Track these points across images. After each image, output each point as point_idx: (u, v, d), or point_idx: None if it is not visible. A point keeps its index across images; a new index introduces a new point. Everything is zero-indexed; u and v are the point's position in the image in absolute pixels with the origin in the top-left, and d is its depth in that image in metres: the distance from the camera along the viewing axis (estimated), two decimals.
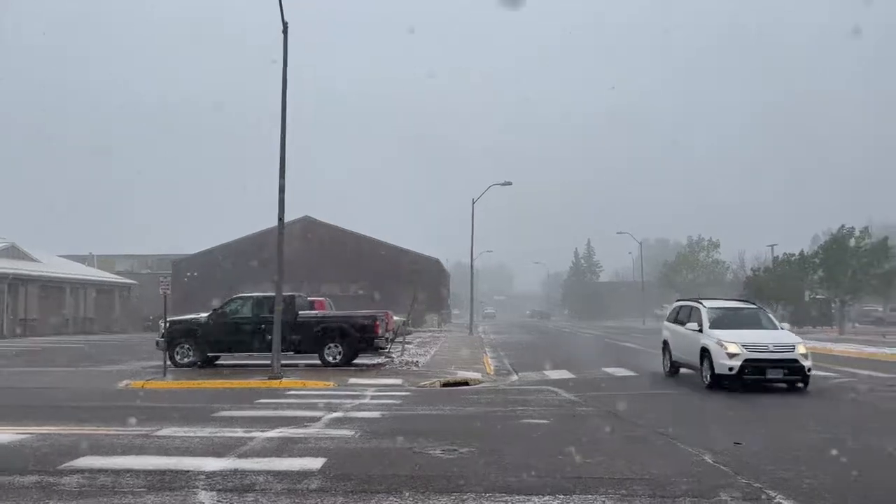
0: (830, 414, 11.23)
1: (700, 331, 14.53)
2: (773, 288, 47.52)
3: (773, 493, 5.99)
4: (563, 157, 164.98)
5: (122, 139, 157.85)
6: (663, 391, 14.44)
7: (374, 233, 56.42)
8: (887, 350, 24.00)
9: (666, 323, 17.38)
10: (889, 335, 35.52)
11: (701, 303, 15.65)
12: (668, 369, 16.56)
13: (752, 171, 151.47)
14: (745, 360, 13.19)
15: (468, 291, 49.78)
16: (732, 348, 13.41)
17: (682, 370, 16.10)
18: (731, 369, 13.26)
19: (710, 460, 7.32)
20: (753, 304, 17.00)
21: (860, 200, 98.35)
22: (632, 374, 17.39)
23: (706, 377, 13.92)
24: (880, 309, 52.75)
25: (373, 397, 12.62)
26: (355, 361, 18.60)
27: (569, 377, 16.59)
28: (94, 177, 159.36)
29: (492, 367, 19.12)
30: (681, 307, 16.90)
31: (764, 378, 13.35)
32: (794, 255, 46.79)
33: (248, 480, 6.47)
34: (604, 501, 5.76)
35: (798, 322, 49.81)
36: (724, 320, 14.70)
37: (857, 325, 50.06)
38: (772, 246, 58.78)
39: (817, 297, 47.73)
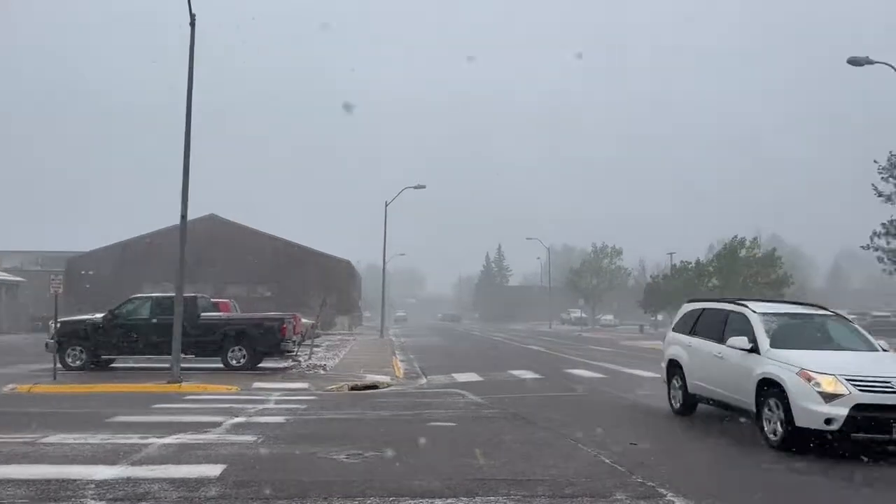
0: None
1: (754, 351, 9.15)
2: (672, 294, 49.82)
3: (664, 491, 6.27)
4: (478, 162, 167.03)
5: (18, 129, 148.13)
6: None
7: (288, 235, 55.33)
8: None
9: (675, 335, 11.71)
10: None
11: (746, 305, 10.17)
12: (679, 404, 11.07)
13: (655, 182, 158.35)
14: (856, 407, 7.82)
15: (381, 294, 49.59)
16: (829, 384, 8.01)
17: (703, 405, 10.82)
18: (829, 421, 7.85)
19: (607, 460, 7.58)
20: (822, 308, 10.90)
21: (751, 212, 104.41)
22: (538, 376, 17.78)
23: (773, 431, 8.44)
24: None
25: (277, 402, 12.37)
26: (261, 365, 18.16)
27: (476, 380, 16.80)
28: None
29: (401, 371, 19.12)
30: (704, 311, 11.19)
31: (891, 438, 7.89)
32: (690, 263, 49.24)
33: (141, 489, 6.20)
34: (505, 502, 5.87)
35: None
36: (790, 334, 9.38)
37: None
38: (671, 254, 61.59)
39: None
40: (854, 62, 20.52)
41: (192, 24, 15.51)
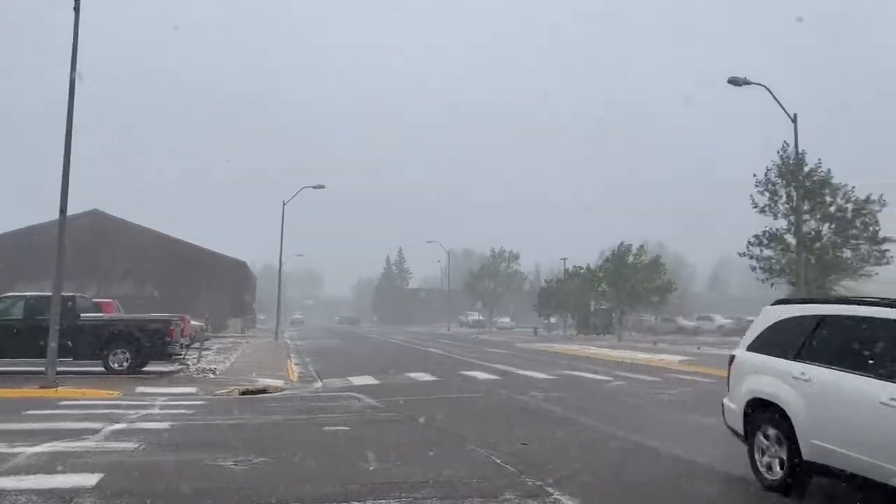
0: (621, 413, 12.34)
1: None
2: (564, 298, 51.46)
3: (551, 490, 6.46)
4: (379, 164, 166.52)
5: None
6: None
7: (184, 235, 53.04)
8: (659, 356, 26.93)
9: (758, 358, 7.02)
10: (659, 342, 39.87)
11: None
12: (779, 476, 6.35)
13: (554, 191, 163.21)
14: None
15: (277, 296, 48.43)
16: None
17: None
18: None
19: (499, 461, 7.73)
20: None
21: (640, 221, 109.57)
22: (434, 378, 17.89)
23: None
24: (652, 319, 58.95)
25: (162, 407, 11.83)
26: (146, 369, 17.33)
27: (373, 383, 16.72)
28: None
29: (295, 374, 18.76)
30: (832, 319, 6.35)
31: None
32: (582, 268, 51.08)
33: (7, 501, 5.78)
34: None
35: (584, 330, 54.43)
36: None
37: (633, 333, 55.52)
38: (564, 259, 63.66)
39: (601, 307, 52.43)
40: (734, 82, 21.92)
41: (76, 9, 14.63)
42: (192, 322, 20.75)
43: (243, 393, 14.30)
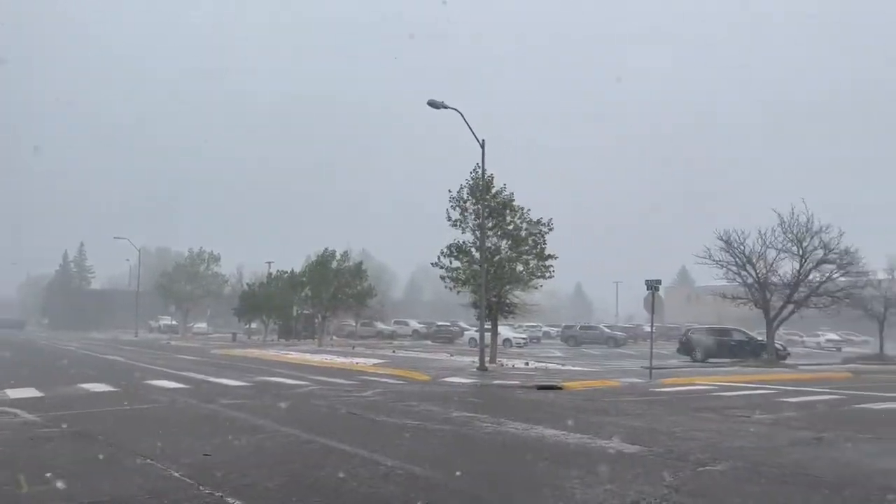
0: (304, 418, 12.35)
1: None
2: (267, 302, 50.53)
3: (231, 500, 6.25)
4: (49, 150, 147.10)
5: None
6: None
7: None
8: (356, 360, 27.73)
9: None
10: (357, 346, 41.16)
11: None
12: None
13: (259, 192, 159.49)
14: None
15: None
16: None
17: None
18: None
19: (177, 474, 7.27)
20: None
21: (347, 229, 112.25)
22: (112, 389, 16.25)
23: None
24: (353, 324, 60.63)
25: None
26: None
27: (36, 396, 14.66)
28: None
29: None
30: None
31: None
32: (286, 272, 50.68)
33: None
34: None
35: (286, 336, 54.05)
36: None
37: (334, 337, 56.53)
38: (269, 262, 62.59)
39: (304, 312, 52.50)
40: (432, 105, 23.58)
41: None
42: None
43: None
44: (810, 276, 33.41)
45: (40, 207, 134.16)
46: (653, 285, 23.10)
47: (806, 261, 33.04)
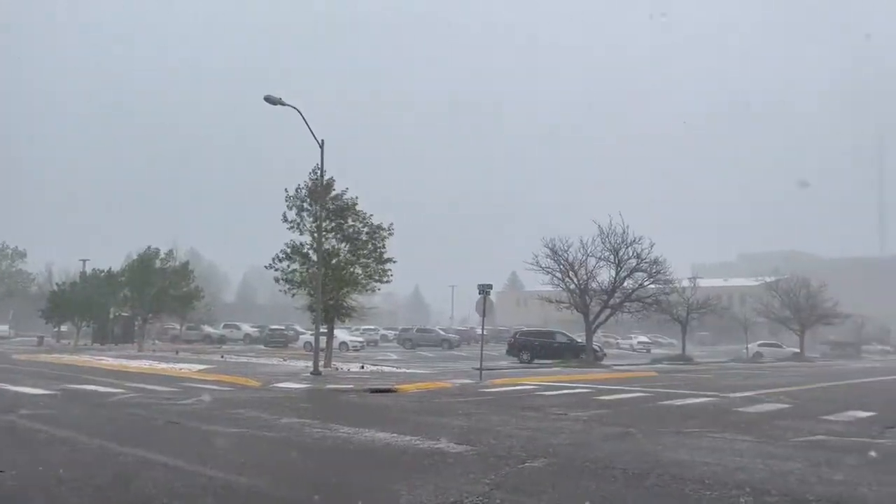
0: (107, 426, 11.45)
1: None
2: (79, 303, 46.48)
3: None
4: None
5: None
6: None
7: None
8: (179, 366, 26.22)
9: None
10: (182, 351, 38.92)
11: None
12: None
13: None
14: None
15: None
16: None
17: None
18: None
19: None
20: None
21: (174, 226, 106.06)
22: None
23: None
24: (178, 327, 57.31)
25: None
26: None
27: None
28: None
29: None
30: None
31: None
32: (103, 271, 46.94)
33: None
34: None
35: (102, 339, 49.98)
36: None
37: (157, 342, 53.12)
38: (84, 261, 57.62)
39: (122, 314, 48.84)
40: (269, 101, 22.89)
41: None
42: None
43: None
44: (625, 284, 36.28)
45: None
46: (484, 289, 23.96)
47: (621, 269, 35.85)
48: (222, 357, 33.90)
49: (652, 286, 37.31)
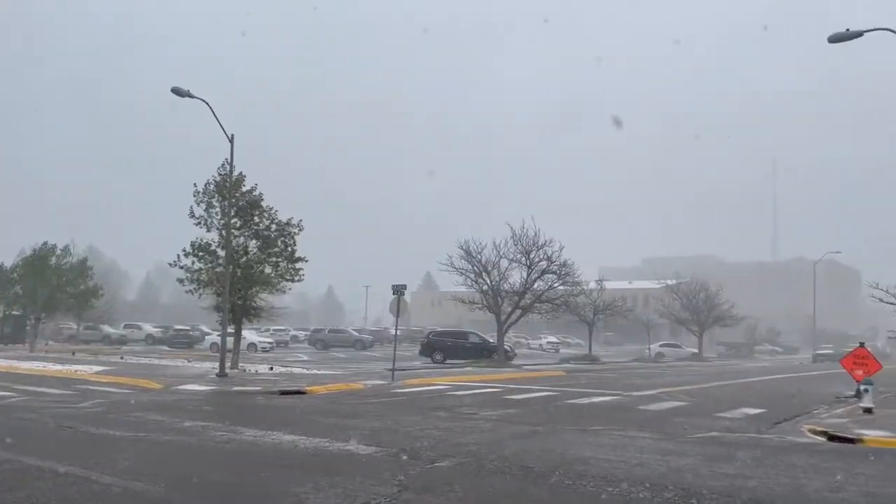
0: None
1: None
2: None
3: None
4: None
5: None
6: None
7: None
8: (75, 367, 24.87)
9: None
10: (79, 352, 36.95)
11: None
12: None
13: None
14: None
15: None
16: None
17: None
18: None
19: None
20: None
21: (68, 221, 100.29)
22: None
23: None
24: (75, 327, 54.37)
25: None
26: None
27: None
28: None
29: None
30: None
31: None
32: None
33: None
34: None
35: None
36: None
37: (51, 342, 50.24)
38: None
39: (13, 313, 45.91)
40: (177, 92, 22.05)
41: None
42: None
43: None
44: (535, 285, 37.06)
45: None
46: (398, 289, 23.90)
47: (532, 271, 36.59)
48: (122, 358, 32.42)
49: (561, 288, 38.26)
